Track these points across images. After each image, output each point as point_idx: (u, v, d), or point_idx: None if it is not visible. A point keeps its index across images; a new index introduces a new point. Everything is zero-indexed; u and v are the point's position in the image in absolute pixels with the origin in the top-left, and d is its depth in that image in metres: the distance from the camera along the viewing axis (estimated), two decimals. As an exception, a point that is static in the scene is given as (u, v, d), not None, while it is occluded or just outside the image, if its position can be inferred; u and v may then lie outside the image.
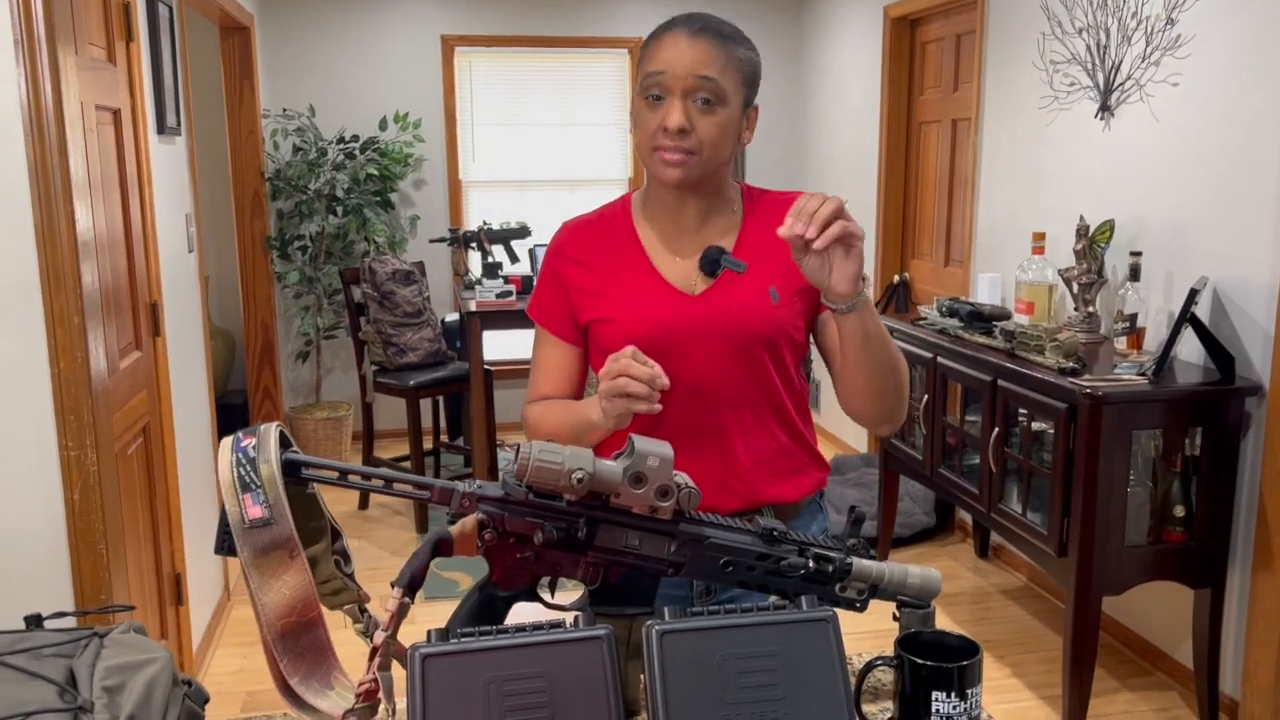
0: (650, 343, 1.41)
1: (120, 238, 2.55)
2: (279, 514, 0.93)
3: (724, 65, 1.38)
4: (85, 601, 2.03)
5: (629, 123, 1.49)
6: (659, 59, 1.38)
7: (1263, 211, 2.63)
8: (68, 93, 2.02)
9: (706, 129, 1.38)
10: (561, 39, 5.59)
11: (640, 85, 1.41)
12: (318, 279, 5.13)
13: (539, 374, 1.54)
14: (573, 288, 1.50)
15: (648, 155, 1.42)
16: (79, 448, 2.02)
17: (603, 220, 1.54)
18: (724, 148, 1.41)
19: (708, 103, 1.37)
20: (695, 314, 1.44)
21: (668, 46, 1.39)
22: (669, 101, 1.37)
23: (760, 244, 1.48)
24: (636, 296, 1.46)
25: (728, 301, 1.44)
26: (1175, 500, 2.72)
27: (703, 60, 1.36)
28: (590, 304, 1.49)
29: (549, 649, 0.92)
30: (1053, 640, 3.35)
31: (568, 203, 5.76)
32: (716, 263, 1.44)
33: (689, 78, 1.36)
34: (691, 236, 1.49)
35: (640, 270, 1.48)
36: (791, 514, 1.51)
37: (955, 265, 4.37)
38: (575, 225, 1.55)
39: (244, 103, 4.84)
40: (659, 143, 1.39)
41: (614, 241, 1.51)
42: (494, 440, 4.41)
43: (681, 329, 1.43)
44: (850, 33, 5.11)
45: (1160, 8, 2.97)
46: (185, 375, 3.21)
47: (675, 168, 1.39)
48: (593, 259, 1.50)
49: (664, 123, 1.37)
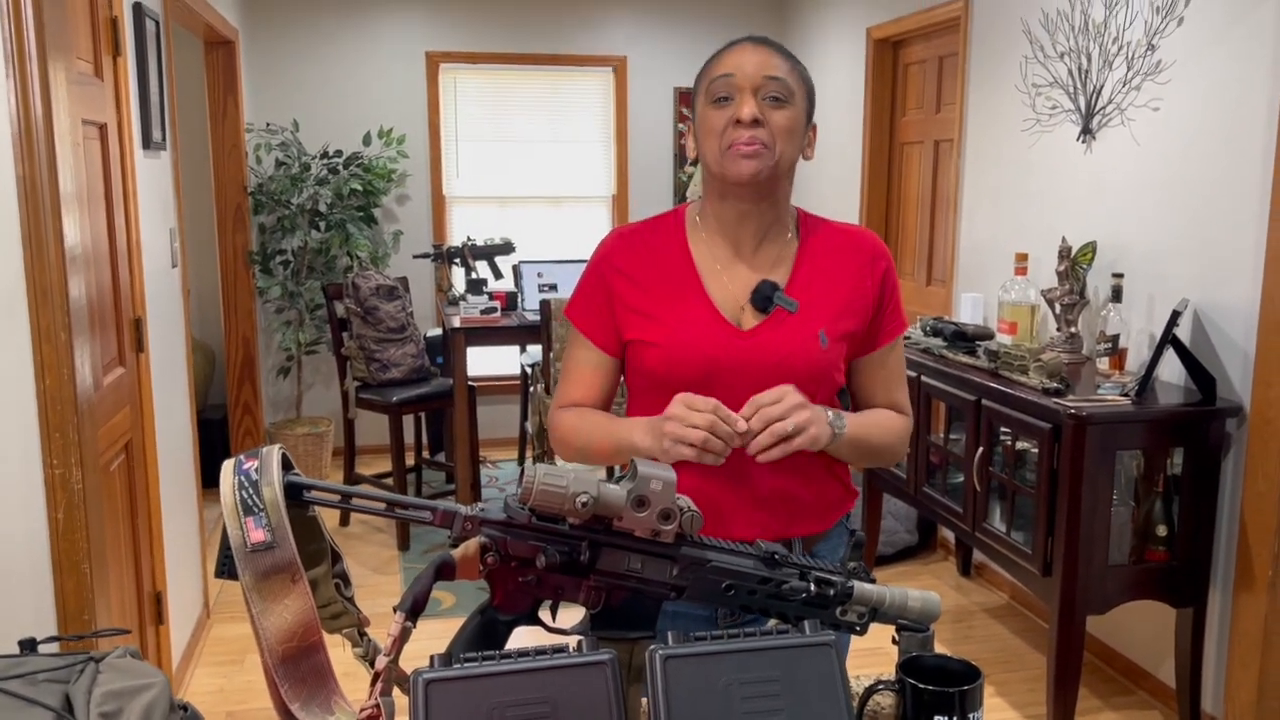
0: (695, 374, 1.41)
1: (105, 253, 2.53)
2: (281, 538, 0.93)
3: (789, 69, 1.41)
4: (68, 621, 2.00)
5: (690, 140, 1.49)
6: (726, 64, 1.40)
7: (1243, 235, 2.66)
8: (58, 107, 2.01)
9: (778, 121, 1.39)
10: (546, 56, 5.61)
11: (706, 92, 1.41)
12: (299, 294, 5.11)
13: (571, 380, 1.52)
14: (619, 301, 1.48)
15: (718, 157, 1.41)
16: (64, 466, 2.00)
17: (655, 233, 1.51)
18: (793, 147, 1.42)
19: (777, 99, 1.39)
20: (743, 350, 1.42)
21: (734, 54, 1.41)
22: (740, 98, 1.38)
23: (813, 280, 1.47)
24: (686, 324, 1.44)
25: (777, 341, 1.43)
26: (1158, 520, 2.74)
27: (770, 63, 1.39)
28: (635, 322, 1.47)
29: (553, 674, 0.91)
30: (1035, 659, 3.36)
31: (551, 220, 5.76)
32: (769, 299, 1.42)
33: (758, 77, 1.38)
34: (746, 260, 1.47)
35: (690, 294, 1.46)
36: (819, 541, 1.51)
37: (938, 284, 4.40)
38: (626, 234, 1.52)
39: (227, 117, 4.82)
40: (732, 138, 1.38)
41: (665, 257, 1.48)
42: (477, 457, 4.40)
43: (728, 364, 1.42)
44: (833, 54, 5.15)
45: (1141, 34, 3.01)
46: (168, 391, 3.19)
47: (751, 159, 1.38)
48: (642, 274, 1.47)
49: (737, 115, 1.38)
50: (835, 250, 1.49)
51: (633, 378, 1.51)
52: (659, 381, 1.44)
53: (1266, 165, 2.57)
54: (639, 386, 1.50)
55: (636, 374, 1.49)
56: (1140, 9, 3.01)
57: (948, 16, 4.06)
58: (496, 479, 5.27)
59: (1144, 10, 3.00)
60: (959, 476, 3.23)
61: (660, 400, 1.40)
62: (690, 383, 1.39)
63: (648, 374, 1.46)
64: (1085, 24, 3.25)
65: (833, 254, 1.48)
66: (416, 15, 5.44)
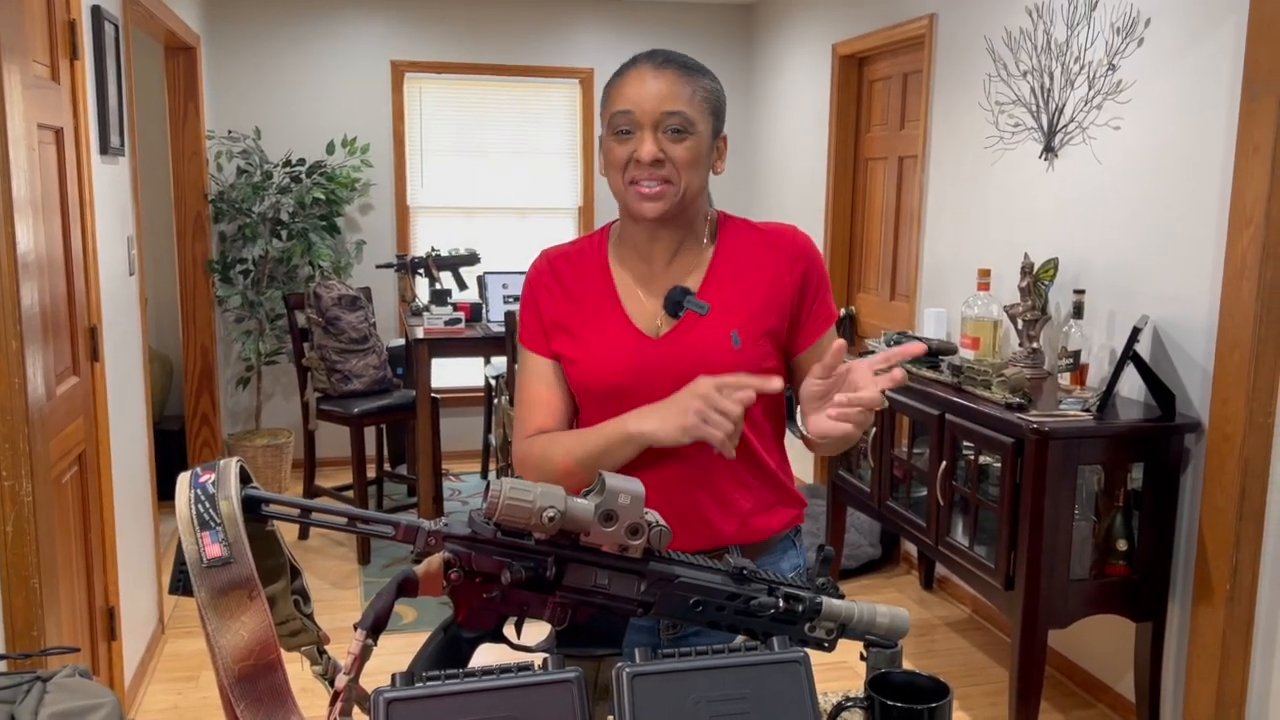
0: (613, 387, 1.42)
1: (60, 260, 2.48)
2: (239, 553, 0.90)
3: (690, 96, 1.39)
4: (15, 638, 1.95)
5: (598, 163, 1.48)
6: (625, 97, 1.39)
7: (1202, 253, 2.70)
8: (12, 110, 1.97)
9: (679, 155, 1.38)
10: (512, 68, 5.59)
11: (608, 125, 1.41)
12: (260, 303, 5.04)
13: (532, 408, 1.49)
14: (547, 318, 1.50)
15: (623, 191, 1.42)
16: (13, 477, 1.94)
17: (579, 254, 1.53)
18: (698, 175, 1.42)
19: (678, 132, 1.38)
20: (656, 358, 1.44)
21: (632, 83, 1.39)
22: (639, 134, 1.38)
23: (727, 282, 1.47)
24: (601, 338, 1.46)
25: (688, 346, 1.43)
26: (1118, 534, 2.76)
27: (669, 94, 1.37)
28: (560, 338, 1.49)
29: (518, 692, 0.89)
30: (997, 672, 3.38)
31: (517, 230, 5.74)
32: (679, 304, 1.44)
33: (656, 112, 1.37)
34: (661, 273, 1.48)
35: (608, 310, 1.48)
36: (760, 552, 1.50)
37: (901, 299, 4.43)
38: (553, 254, 1.54)
39: (188, 123, 4.75)
40: (633, 175, 1.39)
41: (587, 276, 1.50)
42: (439, 470, 4.36)
43: (643, 373, 1.43)
44: (799, 70, 5.18)
45: (1102, 53, 3.05)
46: (124, 401, 3.13)
47: (654, 200, 1.39)
48: (565, 293, 1.50)
49: (637, 155, 1.38)
50: (752, 250, 1.49)
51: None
52: (582, 395, 1.48)
53: (1225, 184, 2.61)
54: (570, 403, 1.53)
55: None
56: (1101, 29, 3.05)
57: (913, 34, 4.10)
58: (459, 491, 5.22)
59: (1105, 31, 3.04)
60: (922, 490, 3.24)
61: (589, 413, 1.45)
62: (608, 394, 1.41)
63: (574, 388, 1.49)
64: (1048, 43, 3.29)
65: (749, 254, 1.49)
66: (381, 24, 5.41)
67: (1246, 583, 2.61)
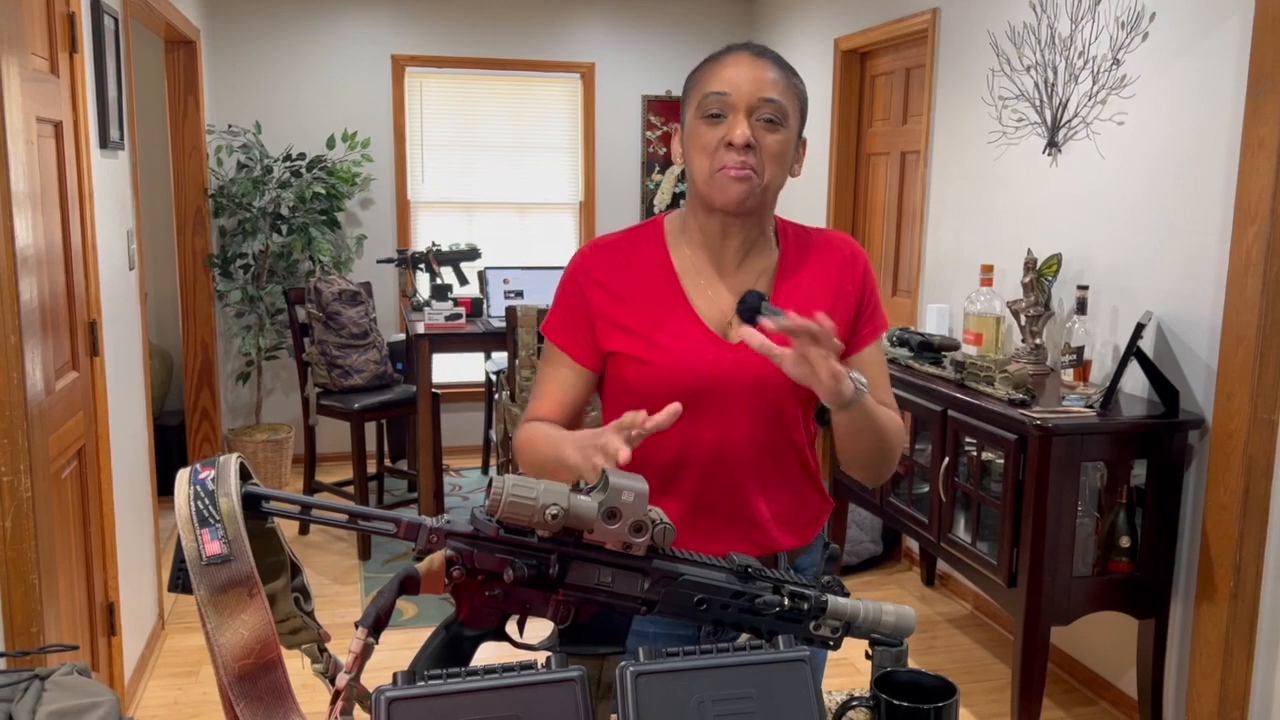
0: (686, 389, 1.38)
1: (59, 254, 2.47)
2: (238, 550, 0.89)
3: (785, 88, 1.37)
4: (15, 634, 1.94)
5: (676, 145, 1.43)
6: (721, 79, 1.36)
7: (1206, 248, 2.69)
8: (10, 104, 1.95)
9: (771, 146, 1.35)
10: (513, 62, 5.57)
11: (698, 106, 1.37)
12: (260, 298, 5.03)
13: (540, 395, 1.48)
14: (598, 315, 1.43)
15: (706, 176, 1.37)
16: (12, 473, 1.93)
17: (632, 244, 1.47)
18: (783, 170, 1.39)
19: (771, 122, 1.35)
20: (733, 364, 1.40)
21: (730, 67, 1.36)
22: (733, 118, 1.34)
23: (796, 289, 1.45)
24: (672, 338, 1.41)
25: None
26: (1121, 531, 2.76)
27: (767, 82, 1.35)
28: (617, 337, 1.43)
29: (520, 691, 0.88)
30: (999, 669, 3.37)
31: (518, 225, 5.73)
32: (757, 310, 1.40)
33: (754, 97, 1.34)
34: (731, 272, 1.44)
35: (675, 307, 1.43)
36: (802, 553, 1.50)
37: (903, 295, 4.42)
38: (603, 245, 1.47)
39: (188, 118, 4.74)
40: (723, 161, 1.35)
41: (646, 270, 1.45)
42: (440, 465, 4.35)
43: (717, 378, 1.40)
44: (801, 64, 5.16)
45: (1107, 48, 3.04)
46: (123, 396, 3.12)
47: (740, 184, 1.35)
48: (623, 287, 1.44)
49: (729, 137, 1.34)
50: (815, 257, 1.48)
51: (613, 393, 1.47)
52: (643, 396, 1.41)
53: (1229, 179, 2.60)
54: (619, 401, 1.46)
55: (618, 390, 1.46)
56: (1106, 24, 3.04)
57: (915, 28, 4.08)
58: (460, 487, 5.21)
59: (1109, 25, 3.03)
60: (924, 487, 3.23)
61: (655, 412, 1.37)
62: (680, 397, 1.35)
63: (633, 389, 1.43)
64: (1051, 38, 3.28)
65: (813, 261, 1.47)
66: (382, 18, 5.39)
67: (1250, 580, 2.61)
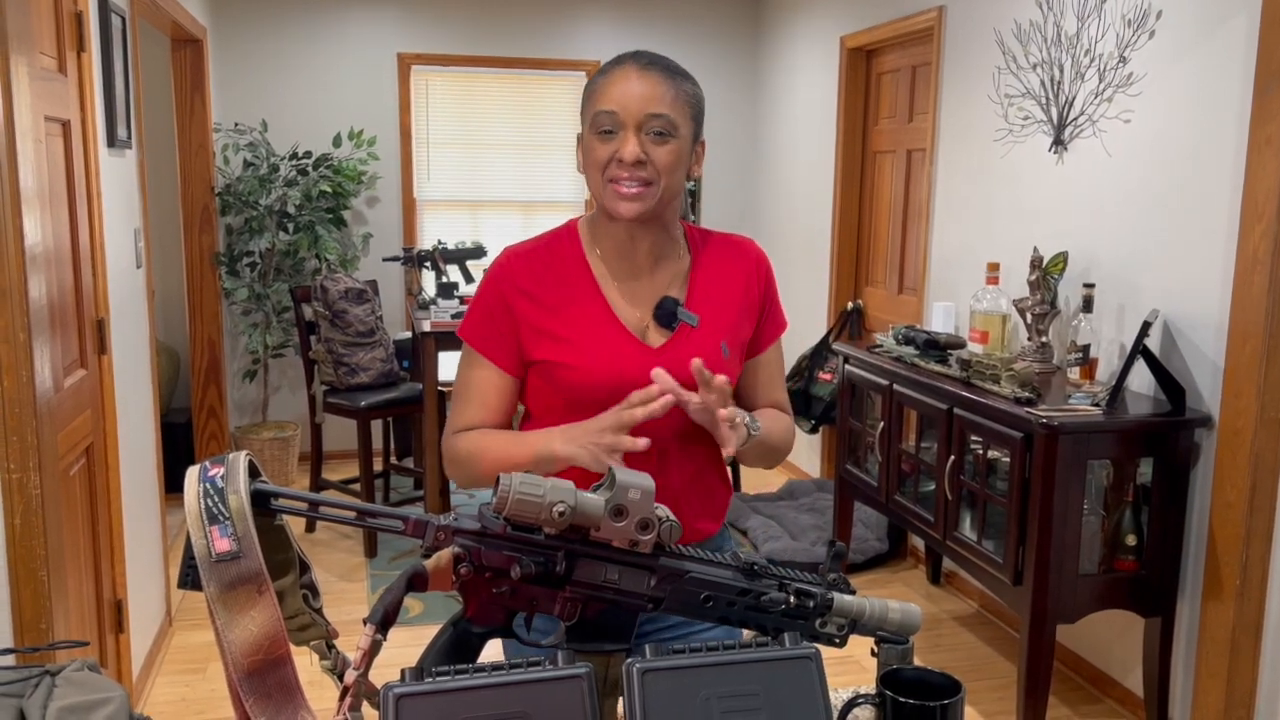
0: (608, 392, 1.40)
1: (67, 252, 2.48)
2: (247, 547, 0.90)
3: (673, 99, 1.40)
4: (24, 631, 1.95)
5: (578, 159, 1.48)
6: (609, 97, 1.39)
7: (1213, 246, 2.69)
8: (19, 103, 1.96)
9: (661, 158, 1.39)
10: (518, 60, 5.58)
11: (591, 123, 1.40)
12: (267, 296, 5.04)
13: (469, 402, 1.48)
14: (523, 322, 1.45)
15: (601, 188, 1.41)
16: (21, 470, 1.94)
17: (552, 251, 1.49)
18: (678, 178, 1.42)
19: (660, 134, 1.38)
20: (653, 366, 1.41)
21: (617, 83, 1.39)
22: (622, 134, 1.38)
23: (708, 294, 1.50)
24: (597, 342, 1.44)
25: (686, 355, 1.42)
26: (1127, 529, 2.75)
27: (654, 96, 1.38)
28: (544, 344, 1.45)
29: (528, 688, 0.89)
30: (1005, 667, 3.37)
31: (522, 224, 5.73)
32: (673, 315, 1.46)
33: (641, 114, 1.37)
34: (644, 278, 1.48)
35: (596, 309, 1.46)
36: (712, 544, 1.53)
37: (909, 293, 4.41)
38: (522, 253, 1.48)
39: (195, 116, 4.75)
40: (614, 174, 1.39)
41: (565, 274, 1.47)
42: (446, 463, 4.35)
43: (643, 381, 1.39)
44: (807, 63, 5.16)
45: (1113, 46, 3.03)
46: (131, 394, 3.13)
47: (633, 201, 1.39)
48: (544, 293, 1.46)
49: (619, 154, 1.37)
50: (724, 262, 1.53)
51: (535, 398, 1.49)
52: (571, 401, 1.43)
53: (1236, 177, 2.59)
54: (544, 405, 1.48)
55: (542, 394, 1.48)
56: (1112, 21, 3.03)
57: (921, 26, 4.07)
58: (465, 485, 5.21)
59: (1116, 23, 3.02)
60: (930, 485, 3.23)
61: (572, 419, 1.39)
62: (603, 401, 1.37)
63: (558, 394, 1.45)
64: (1058, 35, 3.27)
65: (722, 266, 1.53)
66: (388, 16, 5.40)
67: (1256, 579, 2.60)
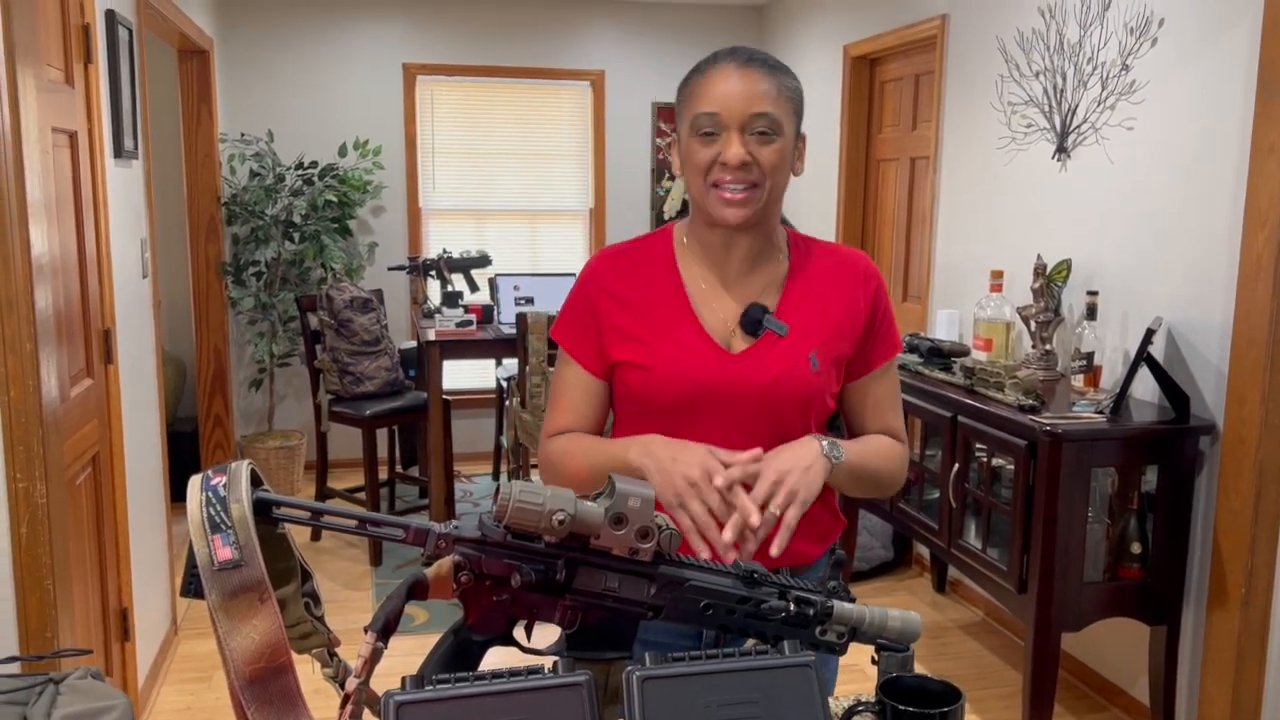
0: (683, 397, 1.38)
1: (74, 262, 2.49)
2: (249, 556, 0.90)
3: (776, 96, 1.34)
4: (29, 639, 1.96)
5: (675, 157, 1.43)
6: (710, 98, 1.33)
7: (1217, 254, 2.69)
8: (26, 114, 1.98)
9: (767, 158, 1.33)
10: (524, 70, 5.60)
11: (690, 125, 1.35)
12: (273, 305, 5.06)
13: (560, 407, 1.46)
14: (606, 323, 1.43)
15: (703, 193, 1.36)
16: (28, 479, 1.95)
17: (643, 254, 1.47)
18: (783, 177, 1.37)
19: (764, 134, 1.33)
20: (732, 374, 1.39)
21: (718, 82, 1.33)
22: (726, 136, 1.33)
23: (804, 303, 1.44)
24: (674, 345, 1.40)
25: (768, 364, 1.39)
26: (1132, 537, 2.75)
27: (756, 94, 1.32)
28: (623, 345, 1.42)
29: (528, 695, 0.89)
30: (1011, 676, 3.36)
31: (528, 232, 5.75)
32: (759, 322, 1.40)
33: (745, 114, 1.32)
34: (737, 283, 1.43)
35: (680, 316, 1.42)
36: (806, 570, 1.47)
37: (913, 301, 4.41)
38: (614, 254, 1.47)
39: (201, 127, 4.77)
40: (717, 178, 1.34)
41: (653, 278, 1.44)
42: (451, 472, 4.36)
43: (716, 387, 1.39)
44: (811, 71, 5.17)
45: (1115, 54, 3.04)
46: (137, 404, 3.14)
47: (738, 206, 1.34)
48: (630, 295, 1.43)
49: (723, 157, 1.33)
50: (827, 272, 1.46)
51: (620, 402, 1.47)
52: (646, 405, 1.41)
53: (1239, 184, 2.60)
54: (627, 411, 1.45)
55: (624, 398, 1.45)
56: (1114, 30, 3.04)
57: (924, 34, 4.08)
58: (471, 494, 5.23)
59: (1118, 31, 3.03)
60: (935, 492, 3.23)
61: (648, 424, 1.37)
62: (678, 406, 1.35)
63: (634, 397, 1.42)
64: (1060, 43, 3.28)
65: (824, 276, 1.45)
66: (394, 27, 5.42)
67: (1261, 586, 2.60)
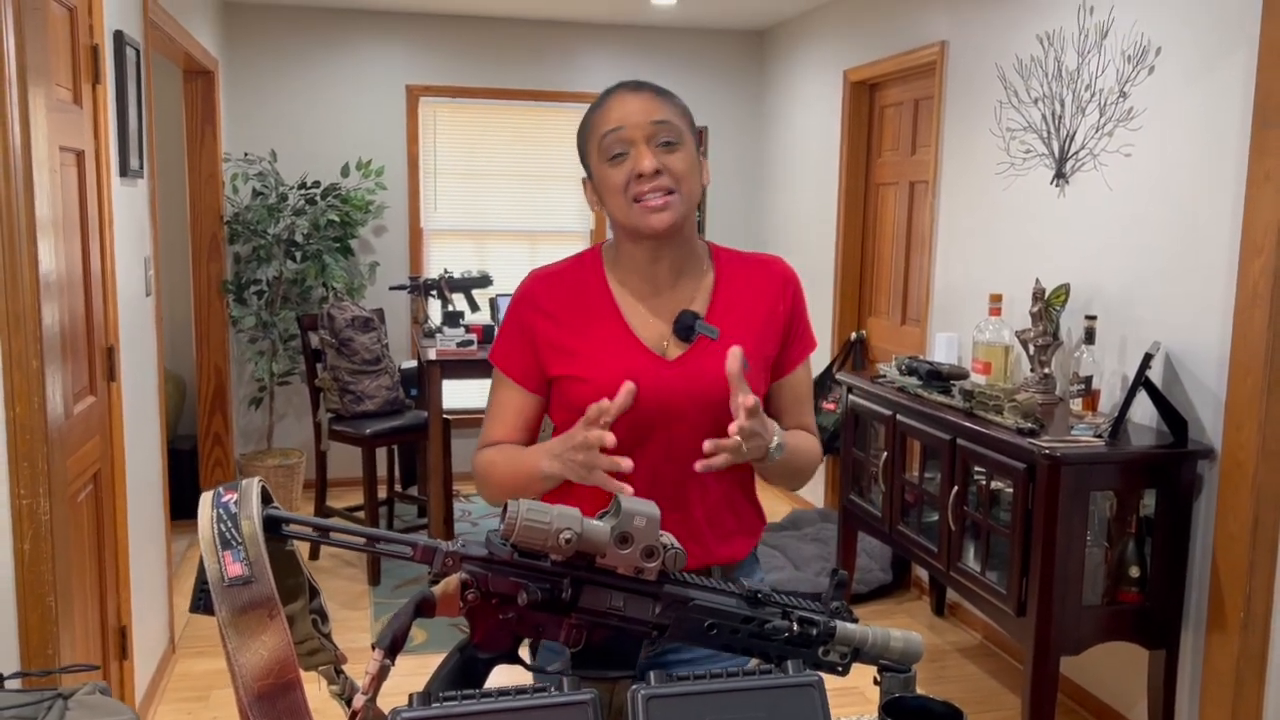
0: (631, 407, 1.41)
1: (79, 280, 2.51)
2: (259, 572, 0.91)
3: (672, 109, 1.44)
4: (31, 656, 1.96)
5: (586, 197, 1.53)
6: (611, 118, 1.42)
7: (1214, 280, 2.71)
8: (36, 134, 2.00)
9: (676, 165, 1.41)
10: (526, 92, 5.64)
11: (599, 150, 1.43)
12: (273, 324, 5.07)
13: (494, 420, 1.54)
14: (541, 341, 1.49)
15: (626, 211, 1.42)
16: (31, 496, 1.96)
17: (572, 272, 1.53)
18: (694, 184, 1.44)
19: (669, 143, 1.41)
20: (671, 379, 1.45)
21: (615, 106, 1.43)
22: (635, 151, 1.40)
23: (732, 308, 1.50)
24: (612, 356, 1.46)
25: (703, 368, 1.45)
26: (1130, 561, 2.75)
27: (652, 108, 1.42)
28: (561, 360, 1.48)
29: (533, 713, 0.90)
30: (1010, 700, 3.36)
31: (528, 255, 5.77)
32: (691, 328, 1.46)
33: (647, 124, 1.40)
34: (665, 294, 1.50)
35: (613, 327, 1.48)
36: (737, 571, 1.53)
37: (912, 324, 4.43)
38: (545, 275, 1.53)
39: (205, 146, 4.80)
40: (636, 191, 1.40)
41: (585, 295, 1.50)
42: (450, 491, 4.36)
43: (657, 393, 1.43)
44: (811, 95, 5.21)
45: (1113, 81, 3.07)
46: (139, 421, 3.15)
47: (663, 211, 1.40)
48: (563, 313, 1.49)
49: (637, 169, 1.39)
50: (749, 278, 1.54)
51: (558, 413, 1.52)
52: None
53: (1236, 211, 2.62)
54: (566, 421, 1.50)
55: (563, 409, 1.51)
56: (1112, 57, 3.07)
57: (924, 60, 4.12)
58: (470, 513, 5.22)
59: (1116, 59, 3.06)
60: (934, 515, 3.23)
61: None
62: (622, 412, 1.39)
63: (577, 409, 1.46)
64: (1059, 71, 3.31)
65: (747, 282, 1.53)
66: (397, 48, 5.46)
67: (1260, 611, 2.60)
